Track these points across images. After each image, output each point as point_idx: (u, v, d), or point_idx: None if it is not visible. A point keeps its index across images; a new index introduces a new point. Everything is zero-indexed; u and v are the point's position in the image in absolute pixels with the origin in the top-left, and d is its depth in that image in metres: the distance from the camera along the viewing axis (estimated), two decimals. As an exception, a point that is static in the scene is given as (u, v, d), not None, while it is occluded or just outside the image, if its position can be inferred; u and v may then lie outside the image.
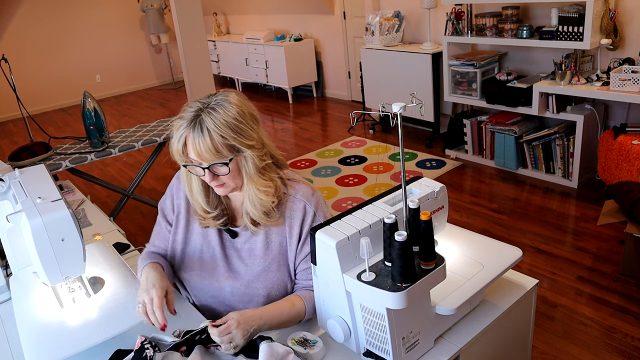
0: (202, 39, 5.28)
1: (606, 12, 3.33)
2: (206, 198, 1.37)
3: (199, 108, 1.24)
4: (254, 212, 1.31)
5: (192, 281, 1.42)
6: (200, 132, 1.20)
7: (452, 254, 1.27)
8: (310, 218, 1.33)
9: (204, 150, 1.21)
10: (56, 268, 1.25)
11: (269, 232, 1.36)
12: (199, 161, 1.24)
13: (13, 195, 1.35)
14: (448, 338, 1.19)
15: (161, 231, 1.47)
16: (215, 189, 1.32)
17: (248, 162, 1.27)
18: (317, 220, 1.33)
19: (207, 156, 1.22)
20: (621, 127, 3.34)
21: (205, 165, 1.24)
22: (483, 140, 4.19)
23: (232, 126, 1.22)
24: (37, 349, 1.19)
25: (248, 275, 1.36)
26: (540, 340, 2.29)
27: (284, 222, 1.34)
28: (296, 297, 1.30)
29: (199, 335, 1.17)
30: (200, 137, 1.20)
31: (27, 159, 2.94)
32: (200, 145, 1.21)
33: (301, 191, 1.35)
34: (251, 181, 1.28)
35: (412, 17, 4.90)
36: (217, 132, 1.20)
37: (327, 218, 1.34)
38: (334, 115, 6.06)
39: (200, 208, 1.38)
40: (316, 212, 1.34)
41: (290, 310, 1.26)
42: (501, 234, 3.18)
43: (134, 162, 5.13)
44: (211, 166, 1.24)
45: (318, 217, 1.34)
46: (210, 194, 1.37)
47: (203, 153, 1.21)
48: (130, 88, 8.70)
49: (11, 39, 7.37)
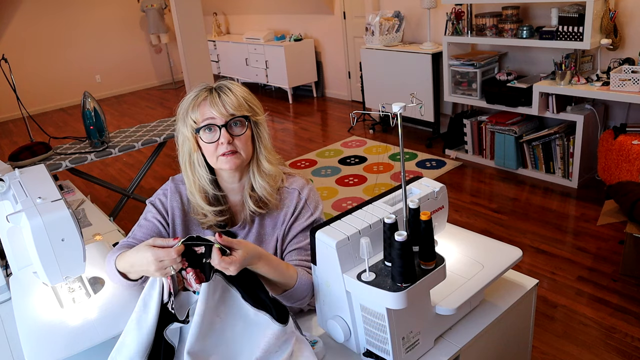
0: (202, 39, 5.28)
1: (606, 12, 3.33)
2: (213, 178, 1.36)
3: (209, 84, 1.32)
4: (261, 183, 1.33)
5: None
6: (222, 91, 1.28)
7: (452, 254, 1.27)
8: (301, 204, 1.36)
9: (227, 102, 1.27)
10: (56, 268, 1.25)
11: (263, 225, 1.37)
12: (215, 119, 1.27)
13: (13, 195, 1.35)
14: (448, 338, 1.19)
15: (146, 224, 1.39)
16: (225, 161, 1.29)
17: (261, 128, 1.34)
18: (306, 207, 1.36)
19: (229, 109, 1.26)
20: (621, 127, 3.34)
21: (223, 122, 1.26)
22: (483, 140, 4.19)
23: (246, 91, 1.33)
24: (37, 349, 1.19)
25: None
26: (540, 340, 2.29)
27: (279, 212, 1.36)
28: (291, 266, 1.26)
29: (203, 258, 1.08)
30: (222, 94, 1.28)
31: (27, 159, 2.94)
32: (223, 99, 1.27)
33: (296, 182, 1.39)
34: (264, 148, 1.34)
35: (412, 17, 4.90)
36: (237, 90, 1.30)
37: (316, 208, 1.38)
38: (334, 115, 6.07)
39: (203, 198, 1.35)
40: (307, 200, 1.37)
41: (284, 270, 1.20)
42: (501, 234, 3.18)
43: (134, 162, 5.13)
44: (229, 124, 1.27)
45: (308, 205, 1.37)
46: (214, 181, 1.37)
47: (225, 105, 1.26)
48: (130, 88, 8.70)
49: (11, 39, 7.37)
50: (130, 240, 1.40)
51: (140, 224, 1.42)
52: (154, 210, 1.41)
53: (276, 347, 1.09)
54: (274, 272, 1.17)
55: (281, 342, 1.10)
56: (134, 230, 1.41)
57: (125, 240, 1.41)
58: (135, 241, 1.38)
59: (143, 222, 1.41)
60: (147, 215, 1.42)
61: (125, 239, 1.42)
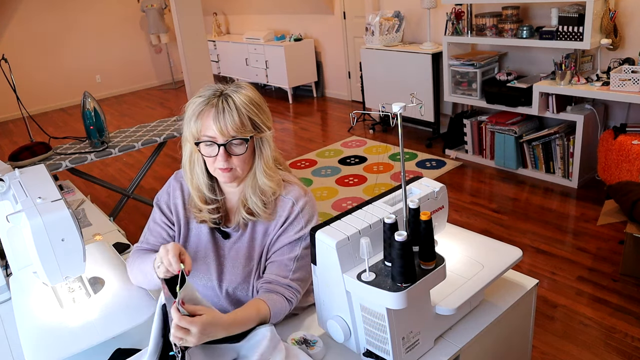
0: (202, 39, 5.28)
1: (606, 12, 3.33)
2: (209, 182, 1.35)
3: (219, 89, 1.26)
4: (253, 198, 1.31)
5: None
6: (227, 104, 1.22)
7: (452, 254, 1.27)
8: (293, 216, 1.32)
9: (229, 123, 1.21)
10: (56, 268, 1.25)
11: (255, 231, 1.36)
12: (216, 138, 1.23)
13: (13, 195, 1.35)
14: (448, 338, 1.19)
15: (155, 227, 1.43)
16: (221, 175, 1.29)
17: (264, 144, 1.29)
18: (298, 220, 1.32)
19: (230, 130, 1.22)
20: (621, 127, 3.34)
21: (223, 142, 1.23)
22: (483, 140, 4.18)
23: (255, 104, 1.26)
24: (37, 349, 1.19)
25: (237, 277, 1.36)
26: (540, 340, 2.29)
27: (272, 220, 1.34)
28: (261, 303, 1.23)
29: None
30: (226, 110, 1.22)
31: (27, 159, 2.94)
32: (227, 118, 1.21)
33: (293, 192, 1.35)
34: (264, 165, 1.30)
35: (412, 17, 4.90)
36: (244, 106, 1.23)
37: (309, 221, 1.33)
38: (334, 115, 6.07)
39: (199, 197, 1.36)
40: (301, 212, 1.32)
41: (255, 319, 1.19)
42: (501, 234, 3.18)
43: (134, 162, 5.13)
44: (228, 143, 1.24)
45: (300, 218, 1.32)
46: (211, 183, 1.37)
47: (227, 126, 1.21)
48: (130, 88, 8.70)
49: (11, 39, 7.37)
50: (143, 245, 1.43)
51: (150, 227, 1.45)
52: (160, 212, 1.44)
53: (270, 350, 1.13)
54: (244, 329, 1.17)
55: (273, 345, 1.14)
56: (145, 235, 1.44)
57: (139, 245, 1.44)
58: (149, 246, 1.42)
59: (152, 226, 1.44)
60: (154, 217, 1.45)
61: (139, 244, 1.44)
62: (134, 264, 1.37)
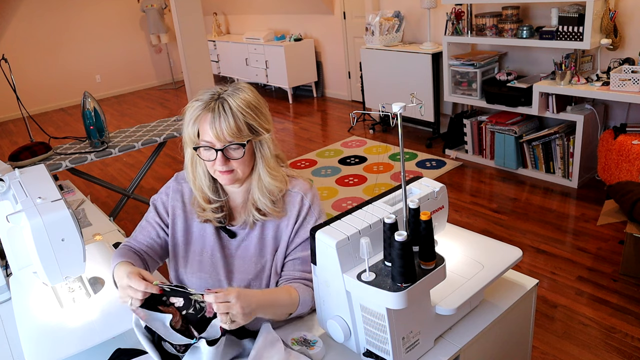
0: (202, 39, 5.28)
1: (606, 12, 3.33)
2: (211, 183, 1.36)
3: (217, 92, 1.26)
4: (262, 199, 1.32)
5: (192, 282, 1.42)
6: (222, 110, 1.22)
7: (452, 254, 1.27)
8: (305, 210, 1.34)
9: (225, 129, 1.21)
10: (56, 268, 1.25)
11: (265, 228, 1.36)
12: (213, 143, 1.24)
13: (13, 195, 1.35)
14: (448, 338, 1.19)
15: (147, 226, 1.42)
16: (221, 177, 1.30)
17: (264, 146, 1.29)
18: (311, 213, 1.35)
19: (226, 136, 1.22)
20: (621, 127, 3.34)
21: (220, 147, 1.23)
22: (483, 140, 4.19)
23: (252, 107, 1.25)
24: (37, 349, 1.19)
25: (247, 274, 1.36)
26: (540, 340, 2.29)
27: (283, 216, 1.35)
28: (291, 288, 1.28)
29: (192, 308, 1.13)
30: (222, 115, 1.21)
31: (27, 159, 2.94)
32: (222, 123, 1.21)
33: (299, 185, 1.37)
34: (266, 165, 1.30)
35: (412, 17, 4.90)
36: (240, 111, 1.23)
37: (320, 214, 1.36)
38: (334, 115, 6.07)
39: (202, 197, 1.36)
40: (312, 205, 1.35)
41: (286, 300, 1.24)
42: (501, 234, 3.18)
43: (134, 162, 5.13)
44: (226, 148, 1.24)
45: (313, 211, 1.35)
46: (213, 184, 1.37)
47: (223, 132, 1.21)
48: (130, 88, 8.70)
49: (11, 39, 7.37)
50: (131, 241, 1.42)
51: (142, 225, 1.44)
52: (154, 211, 1.43)
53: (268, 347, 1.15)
54: (277, 307, 1.21)
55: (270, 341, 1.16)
56: (136, 231, 1.44)
57: (127, 240, 1.43)
58: (136, 242, 1.41)
59: (144, 224, 1.44)
60: (148, 216, 1.44)
61: (128, 239, 1.44)
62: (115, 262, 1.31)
